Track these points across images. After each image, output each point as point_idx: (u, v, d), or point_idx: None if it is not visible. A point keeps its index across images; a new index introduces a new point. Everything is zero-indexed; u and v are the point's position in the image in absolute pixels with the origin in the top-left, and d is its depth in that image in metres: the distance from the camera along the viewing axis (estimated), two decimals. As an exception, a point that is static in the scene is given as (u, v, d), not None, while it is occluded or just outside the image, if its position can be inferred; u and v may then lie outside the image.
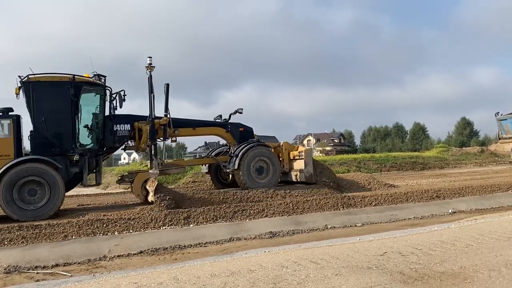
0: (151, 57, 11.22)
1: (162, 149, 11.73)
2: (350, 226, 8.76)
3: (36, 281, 5.77)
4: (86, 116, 10.78)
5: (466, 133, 70.97)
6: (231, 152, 12.24)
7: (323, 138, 72.80)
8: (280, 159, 12.66)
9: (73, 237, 7.58)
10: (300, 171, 12.46)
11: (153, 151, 11.45)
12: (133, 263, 6.50)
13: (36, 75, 10.20)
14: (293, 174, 12.56)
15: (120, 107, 11.08)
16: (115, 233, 7.82)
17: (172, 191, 10.55)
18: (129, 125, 11.45)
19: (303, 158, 12.52)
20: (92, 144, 10.69)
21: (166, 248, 7.23)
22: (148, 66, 11.25)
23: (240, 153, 11.84)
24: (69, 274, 5.96)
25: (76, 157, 10.19)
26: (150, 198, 10.01)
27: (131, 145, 11.78)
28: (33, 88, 10.13)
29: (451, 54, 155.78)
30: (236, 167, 11.68)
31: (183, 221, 8.51)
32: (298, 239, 7.59)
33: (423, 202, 10.46)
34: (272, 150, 12.43)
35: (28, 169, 9.42)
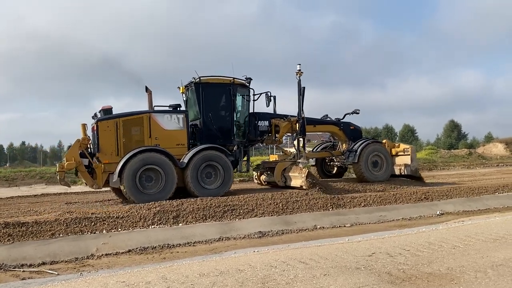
0: (300, 64, 13.04)
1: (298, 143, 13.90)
2: (339, 226, 8.80)
3: (22, 279, 5.71)
4: (238, 113, 12.78)
5: (454, 135, 71.67)
6: (349, 147, 13.93)
7: (313, 138, 72.93)
8: None
9: (61, 235, 7.49)
10: (405, 165, 14.15)
11: (301, 144, 13.24)
12: (121, 261, 6.46)
13: (205, 77, 12.07)
14: (396, 168, 14.16)
15: (267, 106, 12.94)
16: (103, 232, 7.75)
17: (318, 179, 12.36)
18: (267, 121, 13.33)
19: (409, 154, 14.21)
20: (242, 137, 12.70)
21: (155, 247, 7.19)
22: (298, 72, 12.99)
23: (360, 148, 13.42)
24: (56, 273, 5.90)
25: (235, 148, 12.34)
26: (295, 183, 11.74)
27: (266, 139, 13.53)
28: (202, 88, 11.99)
29: (431, 58, 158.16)
30: (356, 161, 13.27)
31: (172, 220, 8.48)
32: (287, 239, 7.61)
33: (412, 203, 10.54)
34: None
35: (208, 155, 11.21)
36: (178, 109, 11.99)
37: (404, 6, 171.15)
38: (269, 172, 13.65)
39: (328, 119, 14.58)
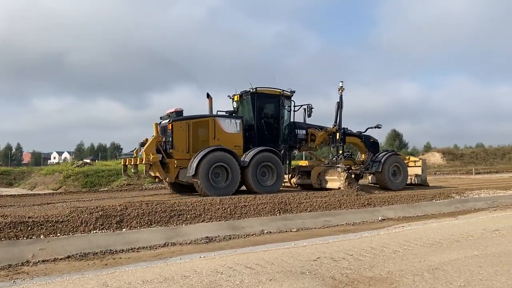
0: (342, 82, 14.80)
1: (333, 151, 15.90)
2: (286, 231, 8.89)
3: None
4: (283, 122, 14.49)
5: (396, 144, 74.86)
6: (372, 157, 15.74)
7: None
8: None
9: (-7, 240, 7.01)
10: (416, 175, 16.53)
11: (339, 151, 15.18)
12: (59, 268, 6.14)
13: (260, 88, 13.84)
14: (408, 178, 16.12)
15: (309, 116, 14.63)
16: (41, 237, 7.34)
17: (356, 182, 14.02)
18: (304, 130, 15.09)
19: (420, 166, 16.57)
20: (285, 143, 14.39)
21: (96, 253, 6.90)
22: (340, 88, 14.80)
23: (384, 159, 15.22)
24: (-14, 281, 5.51)
25: (282, 152, 13.87)
26: (333, 185, 13.43)
27: (303, 146, 15.37)
28: (257, 98, 13.82)
29: (371, 70, 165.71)
30: (379, 170, 15.07)
31: (115, 225, 8.18)
32: (234, 244, 7.58)
33: (355, 209, 10.85)
34: None
35: (265, 156, 12.96)
36: (234, 115, 13.95)
37: (347, 19, 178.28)
38: (300, 175, 15.37)
39: (348, 131, 16.16)
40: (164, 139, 12.57)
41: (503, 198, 13.60)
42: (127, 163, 13.12)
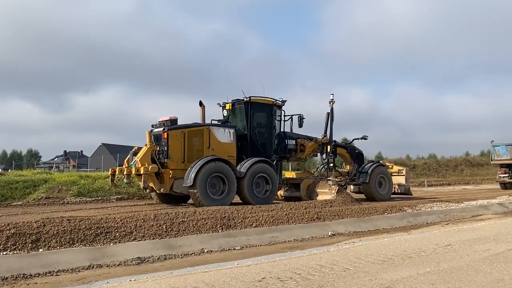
0: (333, 94, 16.43)
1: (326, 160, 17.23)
2: (229, 249, 8.83)
3: None
4: (275, 131, 15.45)
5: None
6: (358, 168, 17.22)
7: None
8: None
9: None
10: (400, 185, 18.25)
11: (331, 164, 16.38)
12: (-42, 298, 5.70)
13: (254, 97, 14.67)
14: None
15: (300, 127, 15.67)
16: None
17: (348, 194, 14.84)
18: (294, 141, 16.05)
19: (404, 175, 18.26)
20: (275, 153, 15.26)
21: (6, 278, 6.48)
22: (330, 101, 16.28)
23: (370, 170, 16.62)
24: None
25: (275, 161, 14.64)
26: (324, 197, 14.20)
27: (292, 156, 16.36)
28: (251, 107, 14.62)
29: (317, 76, 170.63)
30: (367, 181, 16.44)
31: (30, 245, 7.74)
32: (170, 265, 7.41)
33: (304, 224, 11.01)
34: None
35: (261, 168, 13.70)
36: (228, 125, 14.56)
37: (290, 21, 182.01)
38: (288, 188, 16.22)
39: (336, 142, 17.25)
40: (158, 148, 12.95)
41: (455, 211, 14.38)
42: (116, 173, 13.31)
